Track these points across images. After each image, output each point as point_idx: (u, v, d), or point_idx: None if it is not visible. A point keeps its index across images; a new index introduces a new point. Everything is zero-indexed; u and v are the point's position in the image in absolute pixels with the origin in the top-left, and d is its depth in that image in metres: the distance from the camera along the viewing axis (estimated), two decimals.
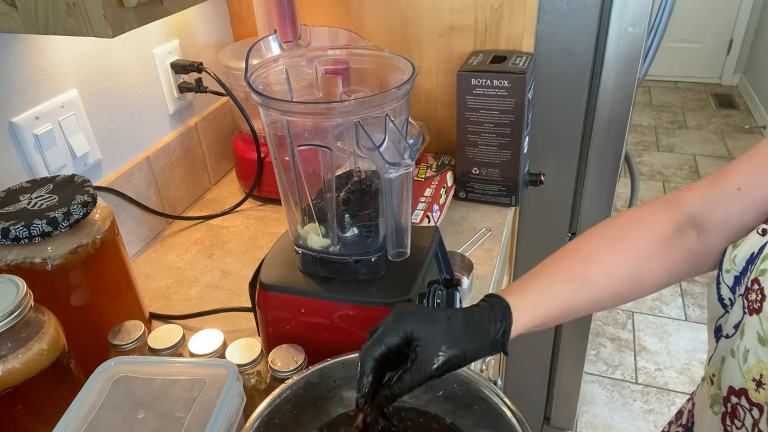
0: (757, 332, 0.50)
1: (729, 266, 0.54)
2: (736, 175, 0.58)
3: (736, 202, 0.57)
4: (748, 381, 0.51)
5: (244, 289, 0.96)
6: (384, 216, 0.66)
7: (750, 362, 0.51)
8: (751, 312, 0.51)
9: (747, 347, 0.51)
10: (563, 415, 1.81)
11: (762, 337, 0.49)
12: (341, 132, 0.64)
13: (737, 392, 0.53)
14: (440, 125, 1.25)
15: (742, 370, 0.52)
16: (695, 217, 0.59)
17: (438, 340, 0.54)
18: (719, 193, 0.58)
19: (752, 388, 0.51)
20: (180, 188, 1.16)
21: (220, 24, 1.27)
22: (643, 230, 0.61)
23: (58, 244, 0.68)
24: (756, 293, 0.50)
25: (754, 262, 0.52)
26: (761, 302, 0.49)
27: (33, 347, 0.59)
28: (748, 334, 0.51)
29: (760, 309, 0.50)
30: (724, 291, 0.56)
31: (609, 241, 0.62)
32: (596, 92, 1.21)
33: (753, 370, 0.50)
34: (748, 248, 0.53)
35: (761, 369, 0.50)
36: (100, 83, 0.96)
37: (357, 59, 0.72)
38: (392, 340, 0.54)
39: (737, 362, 0.52)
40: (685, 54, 4.35)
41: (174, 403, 0.57)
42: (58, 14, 0.61)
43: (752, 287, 0.51)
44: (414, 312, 0.56)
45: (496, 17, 1.11)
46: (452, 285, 0.77)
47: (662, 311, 2.46)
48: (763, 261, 0.50)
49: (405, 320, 0.55)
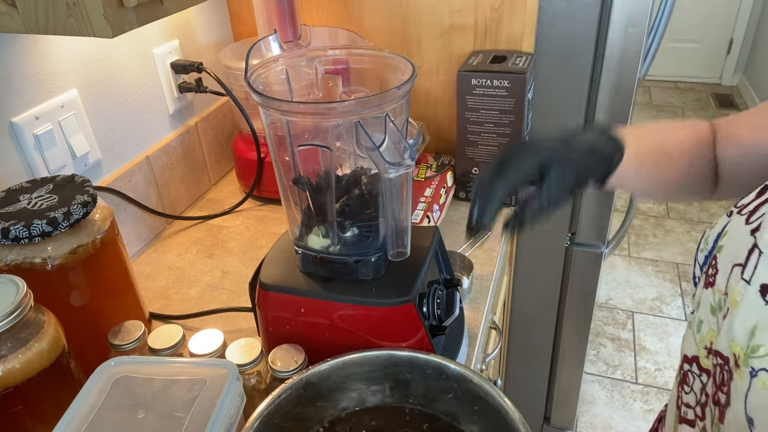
0: (710, 303, 0.53)
1: (703, 246, 0.57)
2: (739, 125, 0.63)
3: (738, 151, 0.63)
4: (701, 349, 0.54)
5: (244, 289, 0.96)
6: (384, 216, 0.66)
7: (703, 331, 0.54)
8: (707, 285, 0.54)
9: (701, 318, 0.54)
10: (563, 415, 1.81)
11: (713, 307, 0.52)
12: (341, 132, 0.64)
13: (690, 360, 0.56)
14: (440, 125, 1.25)
15: (695, 339, 0.55)
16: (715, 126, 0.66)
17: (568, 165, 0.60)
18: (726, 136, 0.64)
19: (703, 356, 0.54)
20: (180, 188, 1.16)
21: (220, 24, 1.27)
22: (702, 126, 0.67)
23: (58, 244, 0.68)
24: (713, 268, 0.53)
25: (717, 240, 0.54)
26: (714, 276, 0.52)
27: (33, 347, 0.59)
28: (703, 306, 0.54)
29: (713, 283, 0.52)
30: (697, 270, 0.58)
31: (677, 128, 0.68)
32: (596, 92, 1.21)
33: (705, 339, 0.53)
34: (716, 228, 0.55)
35: (711, 337, 0.52)
36: (100, 83, 0.96)
37: (357, 59, 0.72)
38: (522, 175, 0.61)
39: (692, 332, 0.56)
40: (685, 54, 4.35)
41: (174, 403, 0.57)
42: (58, 14, 0.61)
43: (711, 263, 0.54)
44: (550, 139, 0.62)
45: (496, 17, 1.11)
46: (452, 285, 0.77)
47: (662, 311, 2.46)
48: (722, 238, 0.53)
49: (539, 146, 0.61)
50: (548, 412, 1.82)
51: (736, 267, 0.49)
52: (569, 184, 0.60)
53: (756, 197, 0.52)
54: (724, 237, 0.53)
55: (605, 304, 2.51)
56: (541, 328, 1.61)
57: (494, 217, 0.59)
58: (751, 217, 0.50)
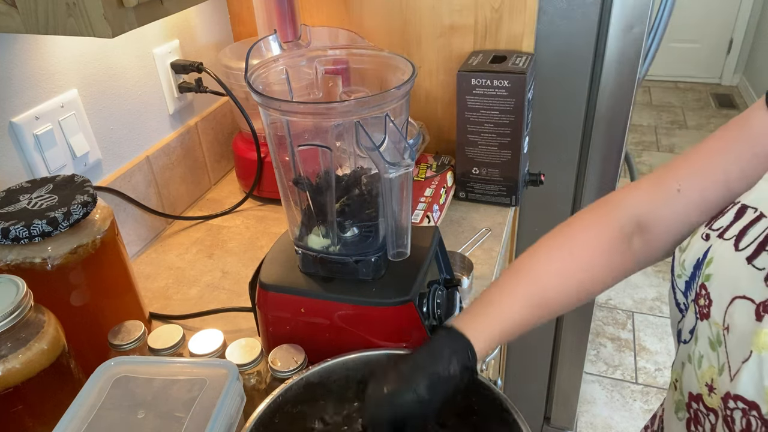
0: (708, 337, 0.50)
1: (680, 271, 0.55)
2: (676, 175, 0.59)
3: (677, 202, 0.58)
4: (702, 386, 0.52)
5: (244, 289, 0.96)
6: (384, 216, 0.66)
7: (703, 367, 0.51)
8: (702, 317, 0.51)
9: (701, 352, 0.52)
10: (563, 415, 1.81)
11: (712, 341, 0.50)
12: (341, 132, 0.64)
13: (695, 398, 0.54)
14: (440, 125, 1.25)
15: (697, 376, 0.53)
16: (639, 218, 0.60)
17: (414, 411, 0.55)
18: (661, 193, 0.59)
19: (706, 393, 0.51)
20: (180, 188, 1.16)
21: (220, 24, 1.27)
22: (587, 239, 0.62)
23: (58, 244, 0.68)
24: (704, 298, 0.51)
25: (700, 267, 0.52)
26: (708, 307, 0.50)
27: (33, 347, 0.59)
28: (701, 339, 0.51)
29: (708, 314, 0.50)
30: (679, 296, 0.56)
31: (555, 257, 0.63)
32: (596, 92, 1.21)
33: (705, 375, 0.51)
34: (694, 253, 0.53)
35: (712, 374, 0.50)
36: (100, 83, 0.96)
37: (357, 59, 0.72)
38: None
39: (693, 368, 0.53)
40: (685, 54, 4.35)
41: (174, 403, 0.57)
42: (58, 14, 0.61)
43: (701, 292, 0.52)
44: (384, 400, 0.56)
45: (496, 17, 1.11)
46: (452, 285, 0.77)
47: (662, 311, 2.45)
48: (707, 266, 0.51)
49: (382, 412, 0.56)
50: (548, 412, 1.82)
51: (739, 300, 0.47)
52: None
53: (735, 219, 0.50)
54: (710, 265, 0.50)
55: (605, 304, 2.51)
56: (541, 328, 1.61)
57: None
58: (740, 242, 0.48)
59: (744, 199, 0.51)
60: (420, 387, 0.55)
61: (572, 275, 0.62)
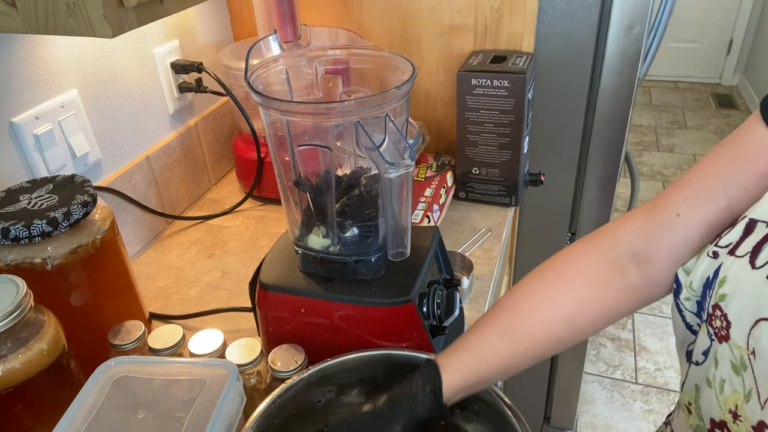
0: (731, 361, 0.48)
1: (688, 294, 0.52)
2: (674, 202, 0.55)
3: (677, 229, 0.54)
4: (725, 413, 0.50)
5: (244, 289, 0.96)
6: (384, 216, 0.66)
7: (726, 393, 0.49)
8: (720, 339, 0.49)
9: (723, 377, 0.49)
10: (563, 415, 1.81)
11: (735, 366, 0.48)
12: (341, 132, 0.64)
13: (719, 425, 0.51)
14: (440, 125, 1.25)
15: (719, 401, 0.50)
16: (634, 249, 0.57)
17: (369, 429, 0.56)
18: (659, 221, 0.56)
19: (730, 420, 0.49)
20: (180, 188, 1.16)
21: (220, 24, 1.27)
22: (572, 273, 0.59)
23: (58, 244, 0.68)
24: (720, 320, 0.49)
25: (711, 286, 0.50)
26: (727, 329, 0.48)
27: (33, 347, 0.59)
28: (722, 363, 0.49)
29: (727, 336, 0.48)
30: (689, 318, 0.54)
31: (539, 289, 0.60)
32: (596, 92, 1.21)
33: (729, 402, 0.49)
34: (702, 273, 0.51)
35: (736, 400, 0.48)
36: (100, 83, 0.96)
37: (357, 59, 0.72)
38: None
39: (714, 393, 0.51)
40: (685, 54, 4.35)
41: (174, 403, 0.57)
42: (58, 14, 0.61)
43: (714, 313, 0.49)
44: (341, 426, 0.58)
45: (496, 17, 1.11)
46: (452, 285, 0.77)
47: (662, 311, 2.46)
48: (721, 286, 0.48)
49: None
50: (548, 412, 1.82)
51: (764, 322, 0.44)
52: None
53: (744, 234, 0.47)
54: (724, 284, 0.48)
55: None
56: None
57: None
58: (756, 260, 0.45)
59: (751, 214, 0.49)
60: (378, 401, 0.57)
61: (558, 307, 0.58)
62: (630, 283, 0.57)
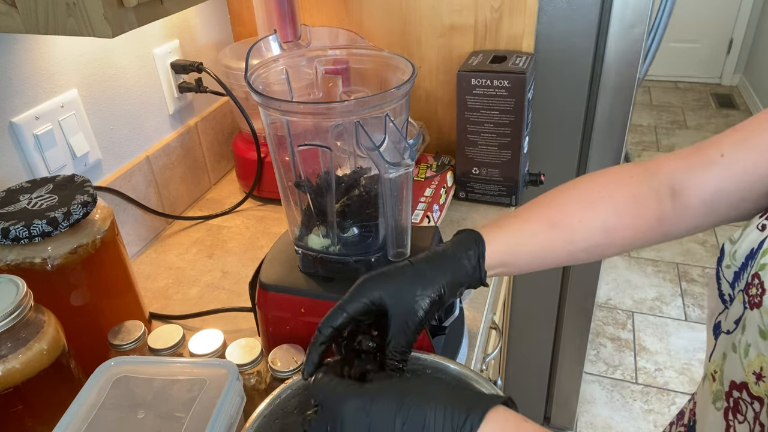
0: (758, 326, 0.50)
1: (729, 262, 0.54)
2: (721, 143, 0.57)
3: (718, 170, 0.56)
4: (749, 375, 0.51)
5: (244, 289, 0.96)
6: (384, 216, 0.66)
7: (751, 356, 0.51)
8: (752, 306, 0.50)
9: (748, 341, 0.51)
10: (563, 415, 1.81)
11: (763, 330, 0.49)
12: (341, 132, 0.64)
13: (738, 386, 0.53)
14: (440, 125, 1.25)
15: (743, 365, 0.52)
16: (673, 182, 0.59)
17: (409, 288, 0.53)
18: (702, 159, 0.57)
19: (752, 382, 0.51)
20: (180, 188, 1.16)
21: (220, 24, 1.27)
22: (620, 189, 0.61)
23: (58, 244, 0.68)
24: (756, 288, 0.50)
25: (754, 257, 0.51)
26: (761, 296, 0.49)
27: (33, 347, 0.59)
28: (750, 328, 0.51)
29: (760, 303, 0.49)
30: (725, 287, 0.55)
31: (588, 190, 0.62)
32: (596, 92, 1.21)
33: (754, 364, 0.50)
34: (747, 244, 0.52)
35: (761, 362, 0.49)
36: (100, 83, 0.96)
37: (357, 59, 0.72)
38: (355, 306, 0.53)
39: (738, 357, 0.52)
40: (685, 54, 4.35)
41: (174, 403, 0.57)
42: (58, 14, 0.61)
43: (752, 282, 0.51)
44: (376, 276, 0.55)
45: (496, 17, 1.11)
46: None
47: (662, 311, 2.46)
48: (763, 256, 0.50)
49: (368, 286, 0.54)
50: (548, 412, 1.82)
51: None
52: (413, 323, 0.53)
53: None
54: (767, 254, 0.49)
55: (605, 304, 2.51)
56: (541, 328, 1.61)
57: (318, 360, 0.53)
58: None
59: None
60: (417, 259, 0.54)
61: (600, 213, 0.59)
62: (662, 214, 0.59)
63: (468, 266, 0.56)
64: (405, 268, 0.55)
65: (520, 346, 1.66)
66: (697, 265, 2.68)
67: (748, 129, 0.56)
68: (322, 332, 0.53)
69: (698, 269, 2.66)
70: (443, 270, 0.55)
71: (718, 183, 0.56)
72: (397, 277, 0.54)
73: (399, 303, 0.53)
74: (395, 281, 0.54)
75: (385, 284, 0.54)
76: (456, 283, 0.55)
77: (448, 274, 0.55)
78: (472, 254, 0.56)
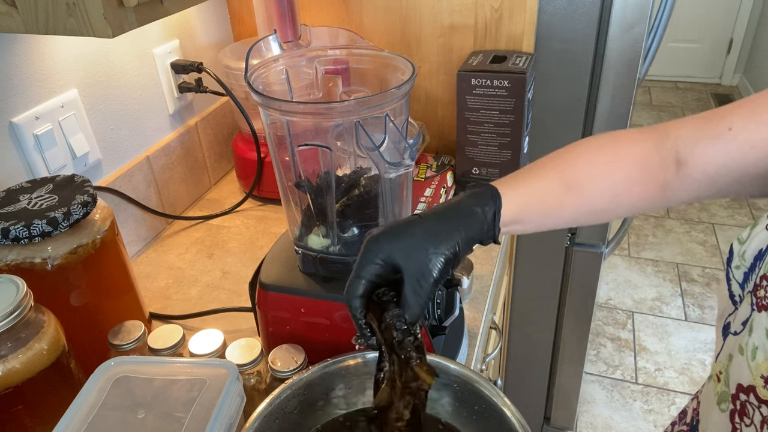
0: (766, 328, 0.49)
1: (738, 262, 0.54)
2: (731, 115, 0.57)
3: (724, 143, 0.56)
4: (757, 378, 0.51)
5: (244, 289, 0.96)
6: (384, 216, 0.66)
7: (758, 359, 0.50)
8: (760, 308, 0.50)
9: (756, 344, 0.50)
10: (563, 415, 1.81)
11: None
12: (341, 132, 0.64)
13: (746, 389, 0.52)
14: (440, 125, 1.25)
15: (750, 367, 0.51)
16: (679, 149, 0.58)
17: (421, 245, 0.50)
18: (710, 131, 0.57)
19: (761, 385, 0.50)
20: (180, 188, 1.16)
21: (220, 24, 1.27)
22: (632, 150, 0.60)
23: (58, 244, 0.68)
24: (765, 289, 0.50)
25: (762, 258, 0.51)
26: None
27: (33, 347, 0.59)
28: (757, 331, 0.50)
29: None
30: (735, 287, 0.55)
31: (602, 152, 0.61)
32: (596, 92, 1.21)
33: (762, 367, 0.50)
34: (756, 245, 0.52)
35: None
36: (100, 83, 0.96)
37: (357, 59, 0.72)
38: (370, 270, 0.51)
39: (745, 359, 0.52)
40: (685, 54, 4.35)
41: (174, 403, 0.57)
42: (58, 14, 0.61)
43: (761, 284, 0.50)
44: (383, 233, 0.52)
45: (496, 17, 1.11)
46: (452, 285, 0.77)
47: (662, 311, 2.46)
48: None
49: (376, 245, 0.51)
50: (548, 412, 1.82)
51: None
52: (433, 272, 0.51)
53: None
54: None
55: (605, 304, 2.51)
56: (541, 328, 1.61)
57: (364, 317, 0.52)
58: None
59: None
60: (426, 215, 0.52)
61: (610, 176, 0.59)
62: (666, 182, 0.59)
63: (483, 223, 0.53)
64: (413, 225, 0.52)
65: (520, 346, 1.66)
66: (697, 265, 2.68)
67: (759, 104, 0.56)
68: (353, 306, 0.51)
69: (698, 269, 2.66)
70: (457, 226, 0.52)
71: (724, 156, 0.56)
72: (406, 234, 0.51)
73: (411, 262, 0.50)
74: (404, 240, 0.51)
75: (393, 242, 0.51)
76: (470, 239, 0.53)
77: (462, 230, 0.52)
78: (489, 210, 0.54)
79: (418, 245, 0.51)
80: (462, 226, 0.52)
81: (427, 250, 0.51)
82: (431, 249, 0.51)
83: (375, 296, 0.52)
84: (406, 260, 0.50)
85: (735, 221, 2.96)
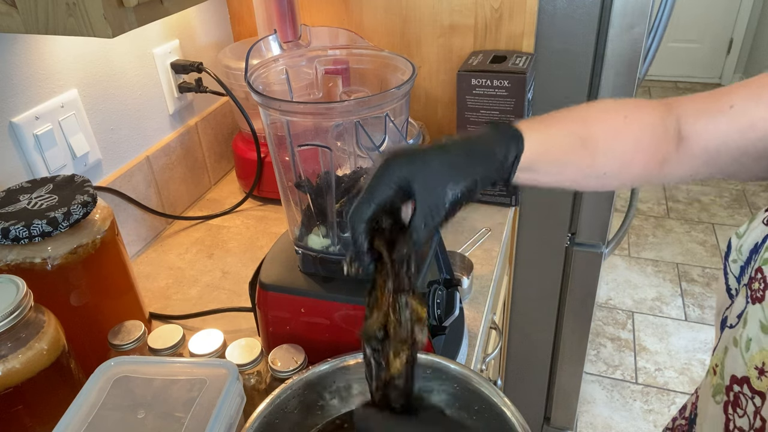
0: (760, 320, 0.49)
1: (735, 256, 0.54)
2: (734, 94, 0.57)
3: (725, 120, 0.56)
4: (751, 369, 0.51)
5: (244, 289, 0.96)
6: None
7: (752, 350, 0.50)
8: (754, 301, 0.50)
9: (749, 336, 0.51)
10: (563, 415, 1.81)
11: (765, 325, 0.49)
12: (341, 132, 0.64)
13: (739, 381, 0.53)
14: (440, 125, 1.25)
15: (744, 359, 0.52)
16: (681, 124, 0.59)
17: (442, 178, 0.48)
18: (712, 108, 0.58)
19: (754, 376, 0.51)
20: (180, 188, 1.16)
21: (220, 24, 1.27)
22: (644, 116, 0.60)
23: (58, 244, 0.68)
24: (759, 282, 0.50)
25: (758, 251, 0.51)
26: (764, 291, 0.49)
27: (33, 347, 0.59)
28: (751, 323, 0.51)
29: (762, 297, 0.49)
30: (731, 281, 0.56)
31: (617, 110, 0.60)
32: (596, 92, 1.21)
33: (755, 359, 0.50)
34: (753, 238, 0.52)
35: (764, 357, 0.49)
36: (100, 83, 0.96)
37: (357, 59, 0.72)
38: (384, 193, 0.48)
39: (740, 351, 0.52)
40: (685, 54, 4.35)
41: (174, 403, 0.57)
42: (58, 14, 0.61)
43: (755, 276, 0.51)
44: (403, 156, 0.49)
45: (496, 17, 1.11)
46: (452, 285, 0.77)
47: (662, 311, 2.46)
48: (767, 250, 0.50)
49: (396, 168, 0.48)
50: (548, 412, 1.82)
51: None
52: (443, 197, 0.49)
53: None
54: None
55: (605, 304, 2.51)
56: (541, 328, 1.61)
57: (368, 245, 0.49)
58: None
59: None
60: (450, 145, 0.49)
61: (623, 135, 0.58)
62: (666, 155, 0.59)
63: (504, 164, 0.52)
64: (437, 154, 0.49)
65: (520, 346, 1.66)
66: (697, 265, 2.68)
67: (761, 84, 0.56)
68: (358, 230, 0.48)
69: (698, 269, 2.66)
70: (478, 163, 0.50)
71: (724, 134, 0.56)
72: (428, 163, 0.49)
73: (427, 194, 0.48)
74: (425, 168, 0.48)
75: (414, 168, 0.48)
76: (488, 178, 0.51)
77: (481, 168, 0.51)
78: (511, 153, 0.52)
79: (438, 177, 0.49)
80: (483, 164, 0.51)
81: (446, 184, 0.49)
82: (450, 184, 0.49)
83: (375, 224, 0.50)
84: (423, 190, 0.48)
85: (735, 221, 2.96)
